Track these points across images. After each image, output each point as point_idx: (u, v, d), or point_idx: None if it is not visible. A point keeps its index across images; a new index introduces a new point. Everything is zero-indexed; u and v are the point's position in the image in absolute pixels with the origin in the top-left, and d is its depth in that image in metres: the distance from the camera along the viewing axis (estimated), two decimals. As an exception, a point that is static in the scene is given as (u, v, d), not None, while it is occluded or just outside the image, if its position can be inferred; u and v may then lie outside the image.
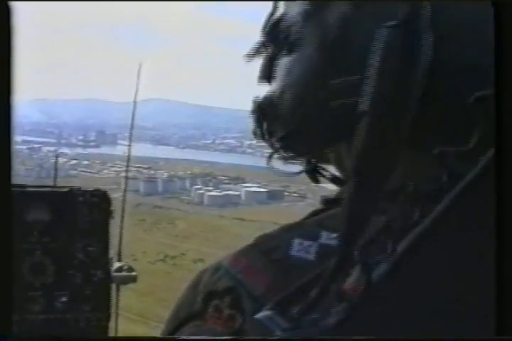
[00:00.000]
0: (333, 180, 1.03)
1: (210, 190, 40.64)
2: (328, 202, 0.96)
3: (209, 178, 43.95)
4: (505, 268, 0.70)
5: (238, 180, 42.45)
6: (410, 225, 0.76)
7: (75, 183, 1.06)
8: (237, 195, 40.05)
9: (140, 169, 47.46)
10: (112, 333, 1.04)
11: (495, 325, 0.70)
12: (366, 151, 0.75)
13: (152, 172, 46.90)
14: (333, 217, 0.89)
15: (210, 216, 37.39)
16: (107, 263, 1.02)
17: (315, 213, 0.95)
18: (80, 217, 1.01)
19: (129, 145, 4.21)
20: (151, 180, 44.09)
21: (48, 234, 1.00)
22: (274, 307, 0.79)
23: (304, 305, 0.77)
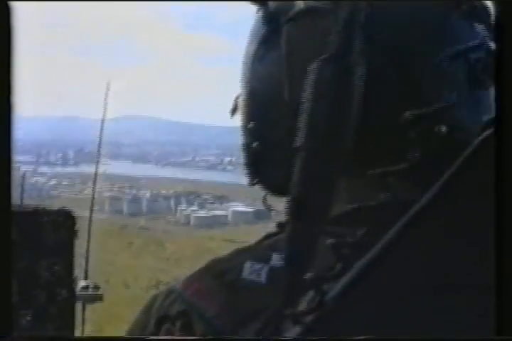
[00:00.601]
0: None
1: (196, 211, 40.37)
2: (281, 226, 0.98)
3: (193, 197, 43.71)
4: (505, 268, 0.73)
5: (222, 198, 42.25)
6: (359, 246, 0.79)
7: (57, 204, 1.08)
8: (224, 216, 39.84)
9: (122, 188, 47.14)
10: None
11: (495, 325, 0.72)
12: (303, 184, 0.78)
13: (134, 191, 46.61)
14: (283, 240, 0.92)
15: (199, 237, 37.01)
16: (71, 282, 1.04)
17: (268, 236, 0.98)
18: (44, 236, 1.04)
19: (96, 163, 4.23)
20: (135, 201, 43.71)
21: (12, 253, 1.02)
22: (226, 333, 0.83)
23: (256, 331, 0.81)
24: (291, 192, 0.78)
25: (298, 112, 0.82)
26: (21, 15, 0.73)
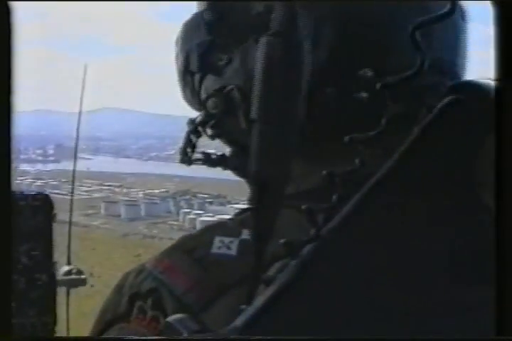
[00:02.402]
0: None
1: (201, 215, 39.62)
2: None
3: (188, 197, 43.04)
4: (506, 268, 0.77)
5: (220, 198, 41.63)
6: (333, 211, 0.84)
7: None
8: (231, 219, 38.64)
9: (111, 187, 46.79)
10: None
11: (495, 325, 0.77)
12: (261, 157, 0.83)
13: (125, 190, 46.21)
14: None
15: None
16: (51, 266, 1.09)
17: (240, 213, 1.04)
18: (22, 220, 1.08)
19: (74, 160, 4.26)
20: (131, 204, 42.78)
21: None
22: (197, 309, 0.89)
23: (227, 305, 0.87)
24: (250, 167, 0.84)
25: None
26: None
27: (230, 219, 1.04)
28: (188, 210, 40.65)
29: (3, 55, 0.75)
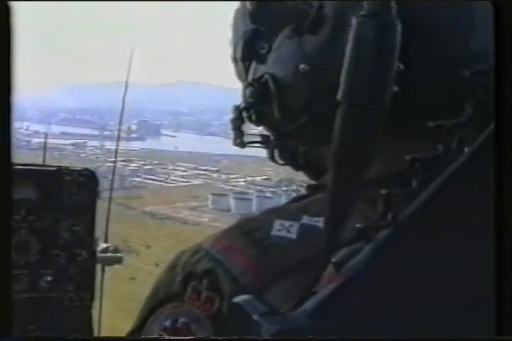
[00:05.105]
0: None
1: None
2: (311, 189, 1.14)
3: (295, 188, 42.41)
4: (506, 268, 0.82)
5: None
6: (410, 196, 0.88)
7: (147, 199, 1.23)
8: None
9: (208, 172, 46.55)
10: (95, 313, 1.22)
11: (495, 325, 0.82)
12: (343, 139, 0.90)
13: (223, 176, 45.84)
14: (314, 203, 1.06)
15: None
16: (92, 243, 1.20)
17: (297, 199, 1.12)
18: (66, 196, 1.20)
19: (117, 139, 4.36)
20: (243, 198, 41.97)
21: (34, 212, 1.19)
22: (254, 291, 0.94)
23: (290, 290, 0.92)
24: (331, 150, 0.90)
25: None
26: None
27: (287, 203, 1.11)
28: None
29: (4, 55, 0.80)
